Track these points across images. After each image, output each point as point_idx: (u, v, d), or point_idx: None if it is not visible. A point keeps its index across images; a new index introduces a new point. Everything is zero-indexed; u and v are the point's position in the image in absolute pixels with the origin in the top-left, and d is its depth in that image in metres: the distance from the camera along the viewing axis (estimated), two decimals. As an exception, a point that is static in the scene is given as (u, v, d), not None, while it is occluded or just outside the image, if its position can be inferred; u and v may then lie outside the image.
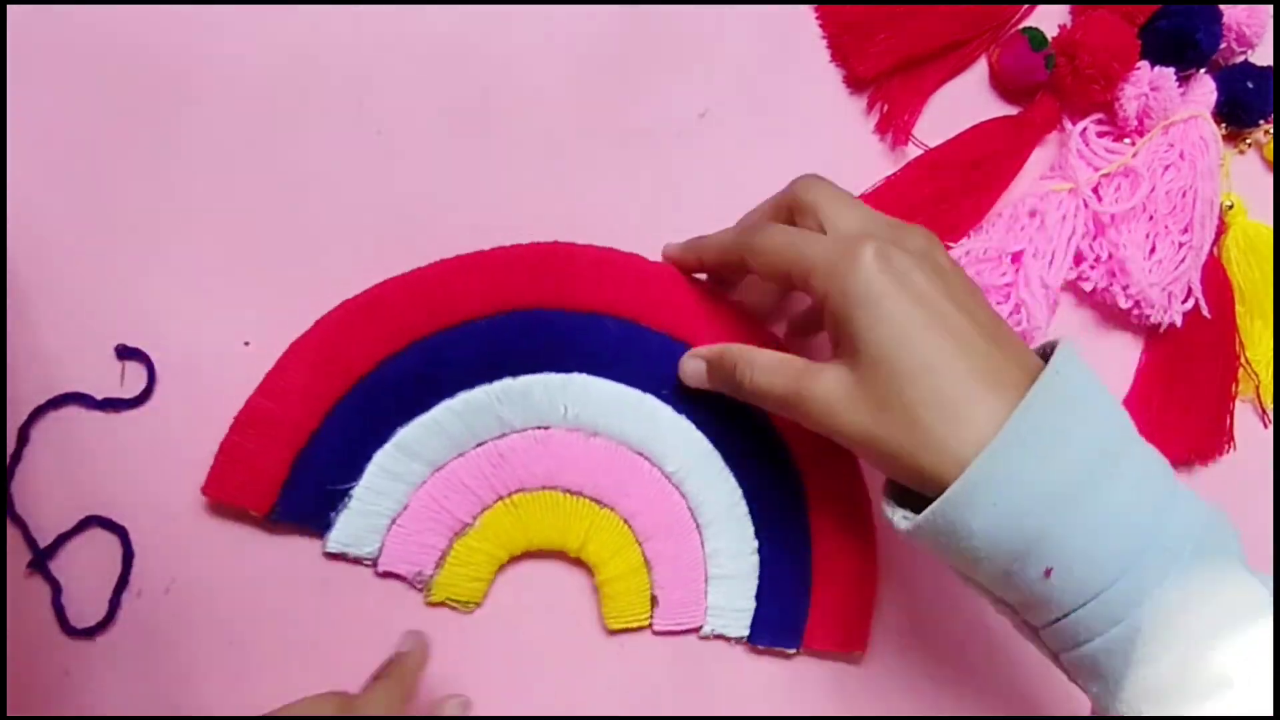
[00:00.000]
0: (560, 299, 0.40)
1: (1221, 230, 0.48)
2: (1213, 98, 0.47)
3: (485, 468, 0.40)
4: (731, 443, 0.41)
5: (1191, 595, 0.31)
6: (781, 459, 0.42)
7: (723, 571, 0.41)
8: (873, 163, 0.45)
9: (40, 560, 0.37)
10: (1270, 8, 0.48)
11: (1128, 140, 0.46)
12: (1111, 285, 0.46)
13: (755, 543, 0.41)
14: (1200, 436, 0.47)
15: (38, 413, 0.38)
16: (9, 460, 0.37)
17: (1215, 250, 0.48)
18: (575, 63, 0.43)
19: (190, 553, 0.38)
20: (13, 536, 0.37)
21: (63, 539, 0.37)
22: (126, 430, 0.38)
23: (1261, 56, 0.49)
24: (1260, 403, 0.49)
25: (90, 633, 0.37)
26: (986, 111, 0.46)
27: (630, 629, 0.41)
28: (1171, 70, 0.46)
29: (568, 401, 0.40)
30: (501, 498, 0.40)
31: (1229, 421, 0.48)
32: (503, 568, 0.40)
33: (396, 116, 0.42)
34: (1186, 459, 0.47)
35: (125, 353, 0.38)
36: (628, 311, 0.41)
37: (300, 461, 0.38)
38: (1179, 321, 0.46)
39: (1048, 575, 0.31)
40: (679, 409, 0.41)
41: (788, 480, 0.42)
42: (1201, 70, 0.48)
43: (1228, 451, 0.48)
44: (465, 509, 0.40)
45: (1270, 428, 0.49)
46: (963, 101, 0.46)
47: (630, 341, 0.41)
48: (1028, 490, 0.31)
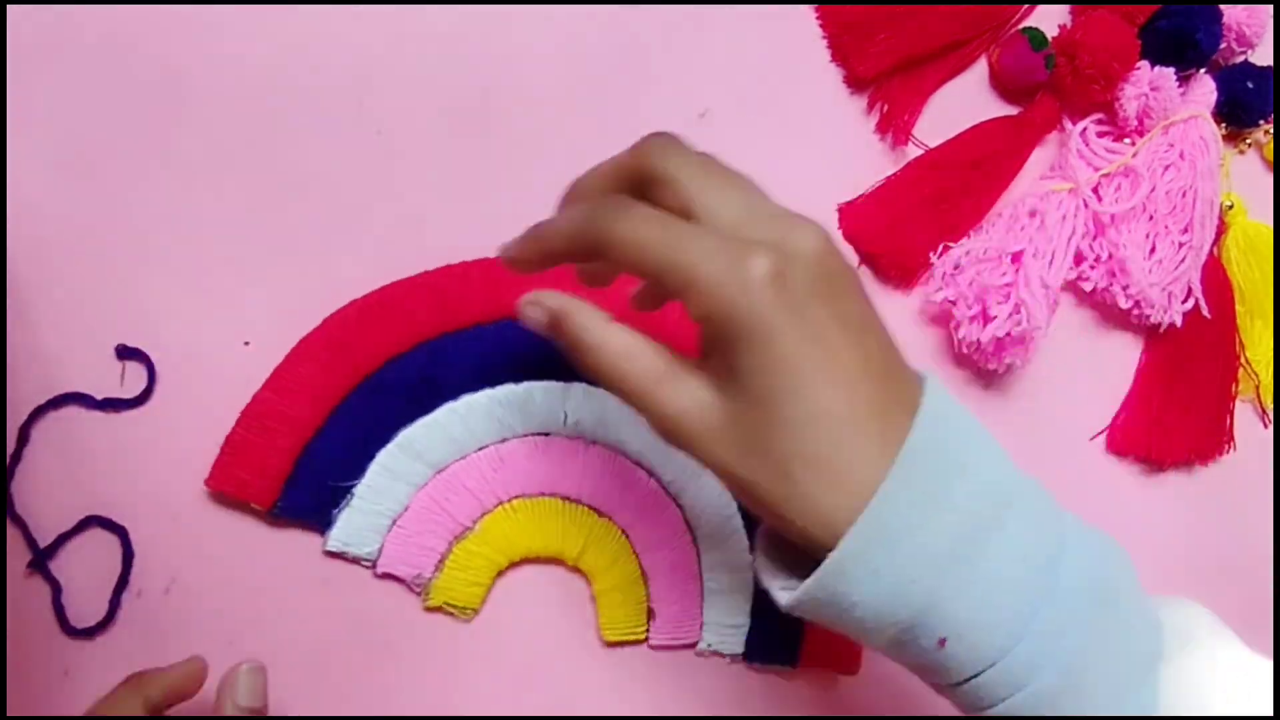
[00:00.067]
0: None
1: (1221, 230, 0.48)
2: (1213, 98, 0.48)
3: (486, 471, 0.40)
4: None
5: (1093, 651, 0.29)
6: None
7: (719, 586, 0.41)
8: (873, 163, 0.45)
9: (40, 560, 0.37)
10: (1270, 8, 0.48)
11: (1128, 140, 0.46)
12: (1111, 285, 0.46)
13: (750, 557, 0.41)
14: (1200, 436, 0.47)
15: (38, 413, 0.38)
16: (9, 460, 0.37)
17: (1215, 250, 0.48)
18: (575, 63, 0.43)
19: (190, 553, 0.38)
20: (13, 536, 0.37)
21: (63, 539, 0.37)
22: (126, 430, 0.38)
23: (1261, 56, 0.49)
24: (1260, 403, 0.49)
25: (90, 633, 0.37)
26: (986, 111, 0.46)
27: (627, 642, 0.41)
28: (1171, 70, 0.46)
29: (568, 409, 0.40)
30: (502, 502, 0.40)
31: (1229, 421, 0.48)
32: (501, 573, 0.40)
33: (396, 116, 0.42)
34: (1186, 459, 0.47)
35: (125, 353, 0.38)
36: (630, 320, 0.41)
37: (304, 457, 0.38)
38: (1179, 321, 0.46)
39: (942, 645, 0.29)
40: None
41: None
42: (1201, 70, 0.48)
43: (1228, 451, 0.48)
44: (465, 512, 0.40)
45: (1270, 428, 0.49)
46: (963, 101, 0.46)
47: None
48: (910, 557, 0.28)
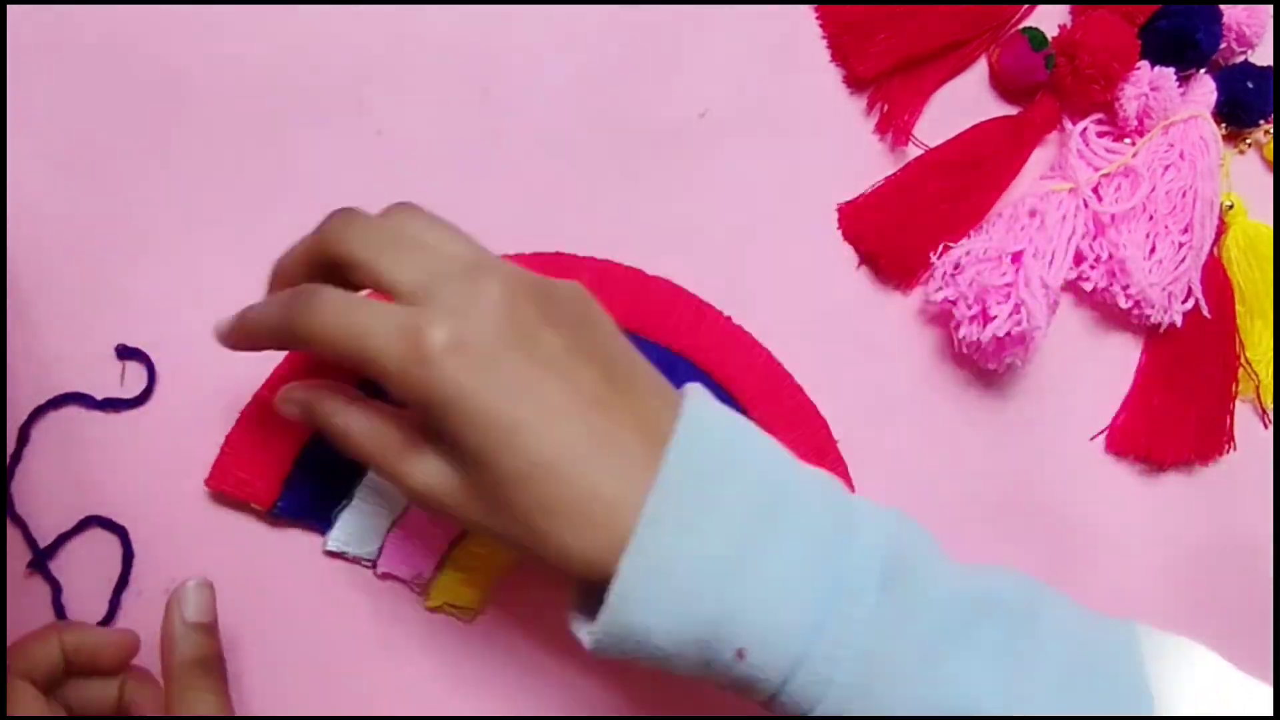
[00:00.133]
0: None
1: (1221, 230, 0.48)
2: (1213, 98, 0.47)
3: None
4: None
5: (888, 632, 0.29)
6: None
7: None
8: (873, 163, 0.45)
9: (40, 560, 0.37)
10: (1270, 8, 0.48)
11: (1128, 140, 0.46)
12: (1111, 285, 0.46)
13: None
14: (1200, 436, 0.47)
15: (38, 413, 0.38)
16: (9, 460, 0.37)
17: (1215, 250, 0.48)
18: (575, 63, 0.43)
19: (190, 552, 0.38)
20: (13, 536, 0.37)
21: (63, 539, 0.37)
22: (126, 430, 0.38)
23: (1261, 56, 0.49)
24: (1260, 403, 0.49)
25: (90, 633, 0.37)
26: (986, 111, 0.46)
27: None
28: (1171, 70, 0.46)
29: None
30: (502, 500, 0.40)
31: (1229, 421, 0.48)
32: (502, 575, 0.40)
33: (396, 116, 0.42)
34: (1186, 459, 0.47)
35: (125, 353, 0.38)
36: (627, 323, 0.41)
37: (304, 457, 0.38)
38: (1179, 321, 0.46)
39: (741, 657, 0.29)
40: None
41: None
42: (1201, 70, 0.48)
43: (1228, 451, 0.48)
44: (465, 509, 0.40)
45: (1270, 428, 0.49)
46: (963, 101, 0.46)
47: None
48: (688, 573, 0.28)
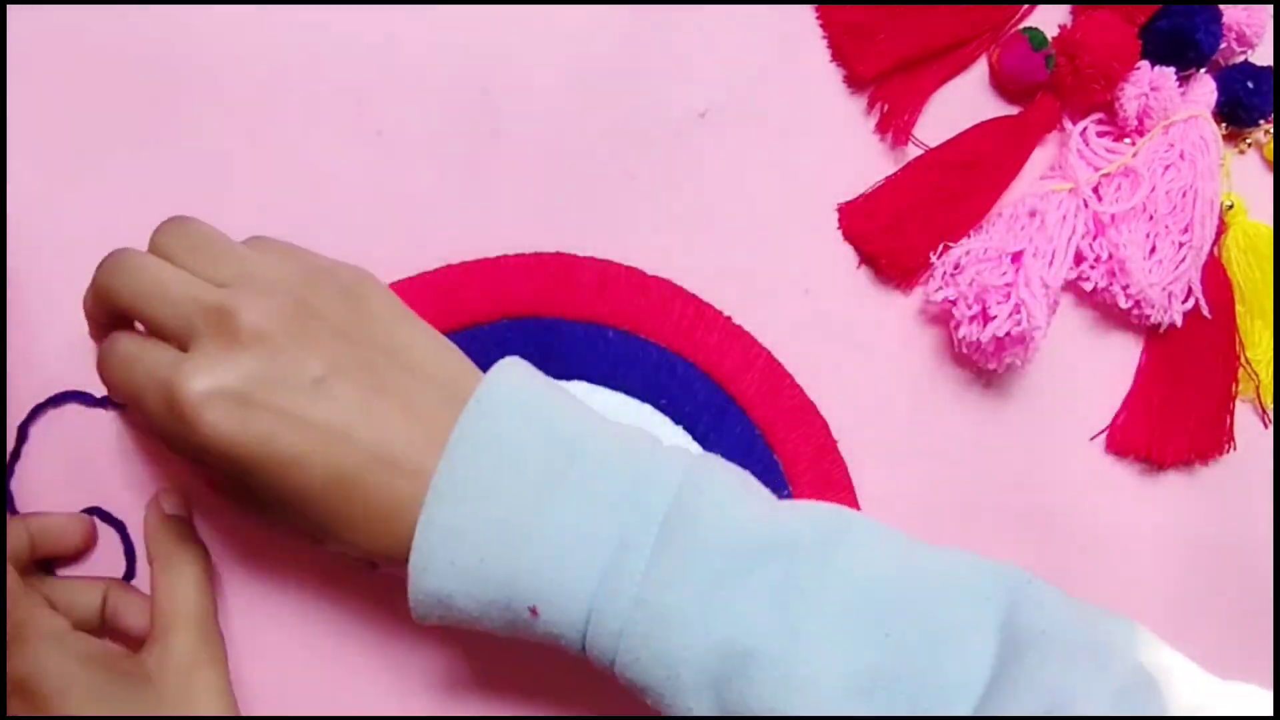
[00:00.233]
0: (561, 308, 0.41)
1: (1221, 230, 0.48)
2: (1213, 98, 0.47)
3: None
4: (727, 456, 0.41)
5: (663, 583, 0.30)
6: (775, 475, 0.42)
7: None
8: (873, 163, 0.45)
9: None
10: (1270, 8, 0.48)
11: (1128, 140, 0.46)
12: (1111, 285, 0.45)
13: None
14: (1200, 436, 0.47)
15: (37, 411, 0.38)
16: (9, 459, 0.38)
17: (1215, 250, 0.48)
18: (575, 63, 0.43)
19: (190, 552, 0.38)
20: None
21: (63, 538, 0.38)
22: (126, 429, 0.38)
23: (1261, 56, 0.49)
24: (1260, 403, 0.49)
25: (90, 631, 0.37)
26: (986, 111, 0.46)
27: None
28: (1171, 70, 0.46)
29: None
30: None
31: (1229, 421, 0.48)
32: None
33: (396, 116, 0.42)
34: (1186, 459, 0.47)
35: (125, 352, 0.38)
36: (627, 323, 0.41)
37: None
38: (1179, 321, 0.46)
39: (536, 614, 0.30)
40: (677, 419, 0.41)
41: (781, 496, 0.41)
42: (1201, 70, 0.48)
43: (1228, 451, 0.48)
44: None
45: (1270, 428, 0.49)
46: (963, 101, 0.46)
47: (629, 351, 0.41)
48: (476, 542, 0.30)
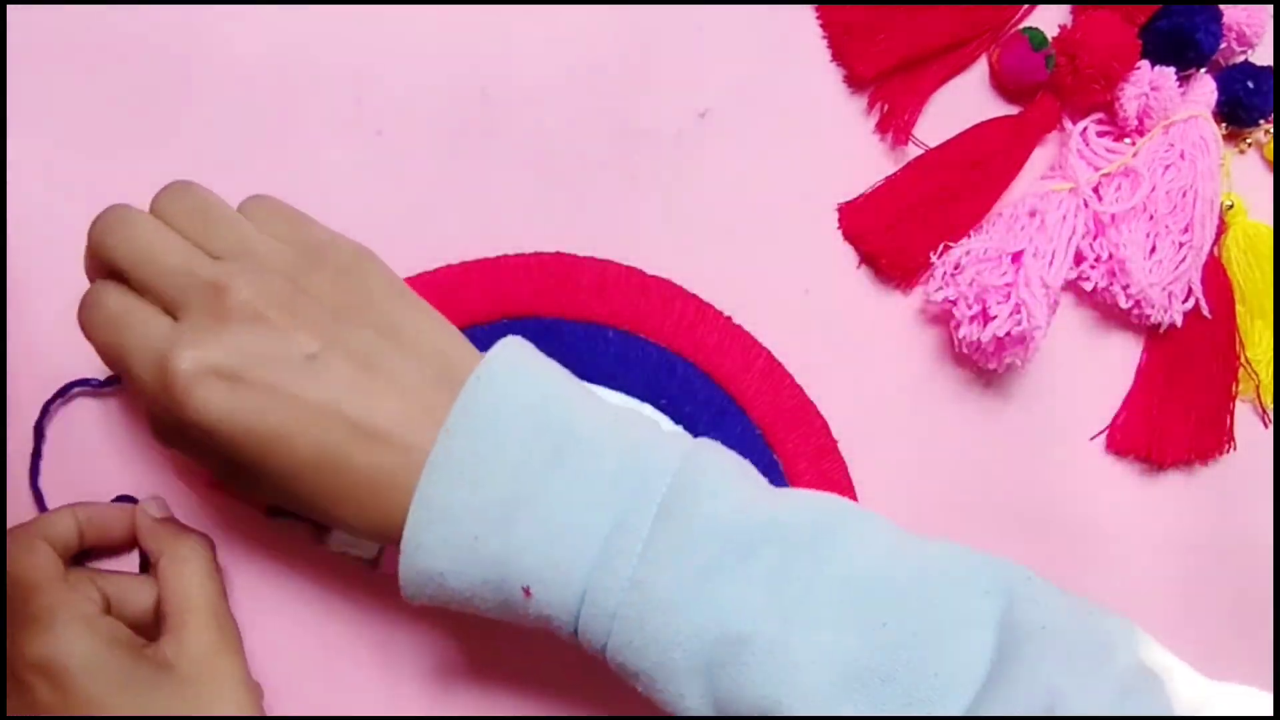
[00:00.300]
0: (561, 308, 0.41)
1: (1221, 230, 0.48)
2: (1213, 98, 0.47)
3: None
4: None
5: (658, 565, 0.29)
6: (775, 475, 0.42)
7: None
8: (873, 163, 0.45)
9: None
10: (1270, 8, 0.48)
11: (1128, 140, 0.46)
12: (1111, 285, 0.45)
13: None
14: (1200, 436, 0.47)
15: (49, 406, 0.38)
16: (32, 458, 0.38)
17: (1215, 250, 0.48)
18: (575, 63, 0.43)
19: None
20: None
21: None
22: (126, 426, 0.38)
23: (1261, 56, 0.49)
24: (1260, 403, 0.49)
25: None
26: (986, 111, 0.46)
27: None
28: (1171, 70, 0.46)
29: None
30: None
31: (1229, 421, 0.48)
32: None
33: (396, 116, 0.42)
34: (1186, 459, 0.47)
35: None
36: (627, 322, 0.41)
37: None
38: (1179, 321, 0.46)
39: (529, 595, 0.30)
40: (677, 419, 0.41)
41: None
42: (1201, 70, 0.48)
43: (1228, 451, 0.48)
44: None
45: (1270, 428, 0.49)
46: (963, 101, 0.46)
47: (629, 351, 0.41)
48: (470, 521, 0.29)
